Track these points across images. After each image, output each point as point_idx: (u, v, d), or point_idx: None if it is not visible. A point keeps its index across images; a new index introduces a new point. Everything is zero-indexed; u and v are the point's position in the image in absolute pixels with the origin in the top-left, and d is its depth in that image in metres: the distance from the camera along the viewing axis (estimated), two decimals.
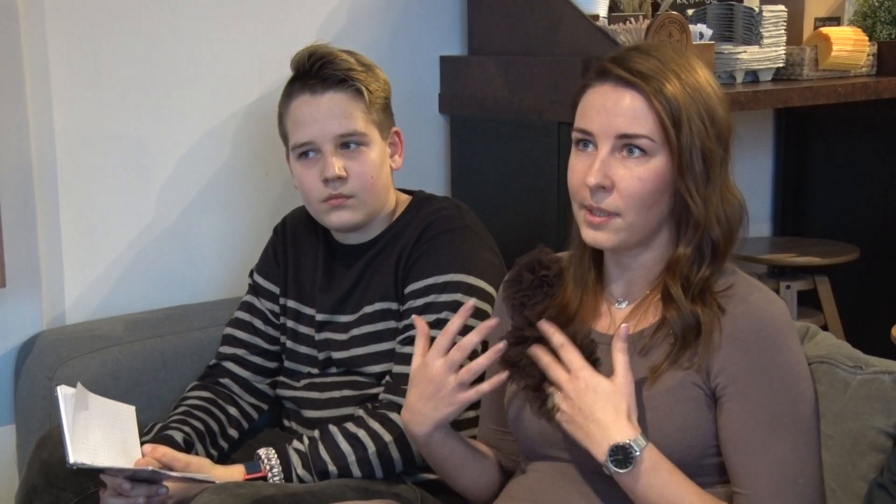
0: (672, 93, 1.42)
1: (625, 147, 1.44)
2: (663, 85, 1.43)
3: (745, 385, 1.42)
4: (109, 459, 1.69)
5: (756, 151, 3.42)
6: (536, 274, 1.60)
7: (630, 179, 1.43)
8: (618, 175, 1.44)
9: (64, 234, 2.21)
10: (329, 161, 1.91)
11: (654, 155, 1.43)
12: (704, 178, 1.44)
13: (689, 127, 1.42)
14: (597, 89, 1.47)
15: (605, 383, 1.42)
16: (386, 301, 1.97)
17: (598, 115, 1.45)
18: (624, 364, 1.43)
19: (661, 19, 2.34)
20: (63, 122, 2.18)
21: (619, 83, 1.45)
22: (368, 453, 1.83)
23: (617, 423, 1.40)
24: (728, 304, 1.45)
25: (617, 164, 1.44)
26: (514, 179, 2.48)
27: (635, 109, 1.43)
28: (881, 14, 3.11)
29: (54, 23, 2.14)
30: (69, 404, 1.68)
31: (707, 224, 1.46)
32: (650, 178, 1.43)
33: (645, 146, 1.43)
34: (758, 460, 1.42)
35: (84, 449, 1.66)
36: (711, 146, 1.44)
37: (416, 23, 2.59)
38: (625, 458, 1.39)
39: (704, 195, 1.45)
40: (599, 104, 1.46)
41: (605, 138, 1.45)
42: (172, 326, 2.21)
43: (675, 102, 1.42)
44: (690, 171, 1.43)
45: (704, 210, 1.45)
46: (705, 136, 1.44)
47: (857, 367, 1.56)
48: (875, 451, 1.50)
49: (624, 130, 1.43)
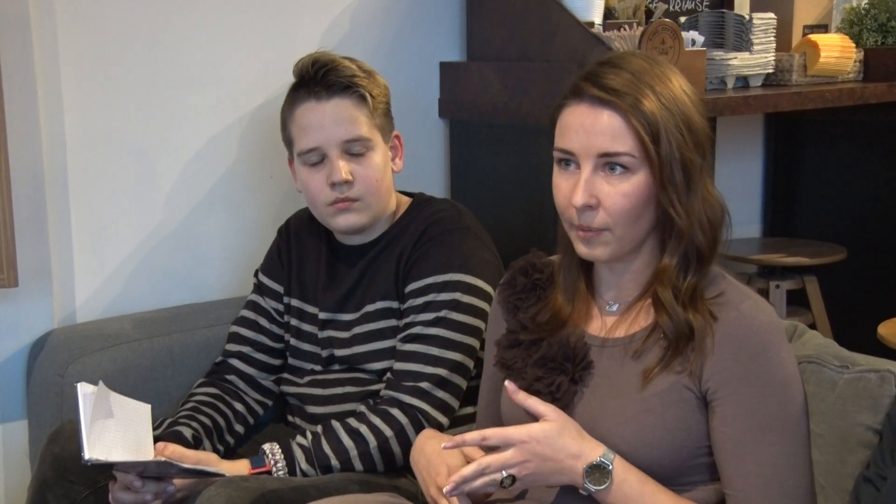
0: (649, 108, 1.40)
1: (607, 165, 1.42)
2: (639, 101, 1.40)
3: (737, 389, 1.42)
4: (123, 456, 1.68)
5: (746, 155, 3.43)
6: (529, 277, 1.60)
7: (615, 196, 1.42)
8: (602, 193, 1.42)
9: (74, 236, 2.22)
10: (336, 165, 1.91)
11: (636, 170, 1.42)
12: (685, 187, 1.43)
13: (667, 140, 1.40)
14: (573, 109, 1.45)
15: (546, 426, 1.41)
16: (387, 300, 1.97)
17: (578, 134, 1.43)
18: (539, 403, 1.44)
19: (654, 26, 2.34)
20: (73, 128, 2.18)
21: (595, 102, 1.42)
22: (370, 448, 1.83)
23: (582, 447, 1.41)
24: (720, 312, 1.44)
25: (601, 182, 1.43)
26: (511, 182, 2.48)
27: (614, 128, 1.41)
28: (867, 22, 3.11)
29: (65, 33, 2.14)
30: (88, 402, 1.68)
31: (690, 232, 1.44)
32: (634, 192, 1.42)
33: (626, 163, 1.41)
34: (749, 462, 1.42)
35: (99, 446, 1.65)
36: (690, 155, 1.42)
37: (416, 30, 2.59)
38: (600, 474, 1.40)
39: (686, 204, 1.43)
40: (578, 124, 1.43)
41: (587, 158, 1.43)
42: (180, 325, 2.21)
43: (652, 117, 1.40)
44: (672, 182, 1.42)
45: (687, 219, 1.43)
46: (684, 146, 1.42)
47: (844, 367, 1.56)
48: (863, 448, 1.50)
49: (605, 149, 1.41)
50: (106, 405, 1.71)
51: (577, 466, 1.40)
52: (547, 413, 1.43)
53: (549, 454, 1.40)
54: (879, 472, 1.41)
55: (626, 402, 1.46)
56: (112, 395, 1.74)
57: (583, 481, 1.41)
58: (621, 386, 1.47)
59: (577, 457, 1.40)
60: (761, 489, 1.42)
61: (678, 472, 1.45)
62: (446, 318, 1.89)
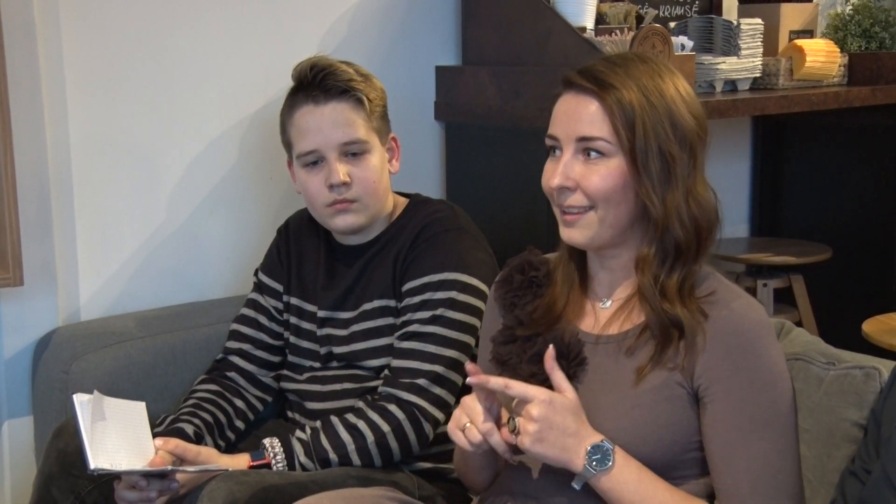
0: (628, 98, 1.43)
1: (585, 150, 1.45)
2: (620, 92, 1.43)
3: (727, 386, 1.42)
4: (127, 460, 1.67)
5: (734, 156, 3.43)
6: (526, 275, 1.60)
7: (590, 177, 1.44)
8: (578, 174, 1.45)
9: (79, 236, 2.21)
10: (334, 168, 1.91)
11: (612, 156, 1.44)
12: (664, 179, 1.44)
13: (643, 131, 1.42)
14: (563, 98, 1.49)
15: (566, 399, 1.42)
16: (385, 298, 1.97)
17: (562, 121, 1.48)
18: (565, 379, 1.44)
19: (644, 31, 2.34)
20: (78, 131, 2.18)
21: (580, 91, 1.46)
22: (368, 443, 1.83)
23: (586, 428, 1.41)
24: (711, 310, 1.44)
25: (579, 165, 1.45)
26: (505, 183, 2.48)
27: (592, 114, 1.44)
28: (852, 27, 3.11)
29: (70, 38, 2.14)
30: (86, 411, 1.66)
31: (667, 223, 1.45)
32: (610, 175, 1.44)
33: (602, 148, 1.44)
34: (739, 457, 1.42)
35: (102, 453, 1.64)
36: (672, 150, 1.43)
37: (412, 35, 2.59)
38: (602, 456, 1.40)
39: (663, 196, 1.44)
40: (563, 111, 1.48)
41: (568, 142, 1.46)
42: (182, 323, 2.21)
43: (629, 108, 1.42)
44: (646, 172, 1.43)
45: (663, 210, 1.44)
46: (665, 139, 1.43)
47: (830, 363, 1.56)
48: (849, 443, 1.50)
49: (582, 133, 1.45)
50: (103, 412, 1.70)
51: (580, 448, 1.40)
52: (564, 388, 1.43)
53: (559, 424, 1.39)
54: (864, 467, 1.41)
55: (619, 398, 1.45)
56: (106, 400, 1.73)
57: (584, 461, 1.40)
58: (615, 382, 1.47)
59: (582, 438, 1.40)
60: (751, 484, 1.42)
61: (670, 466, 1.45)
62: (443, 316, 1.89)
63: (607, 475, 1.40)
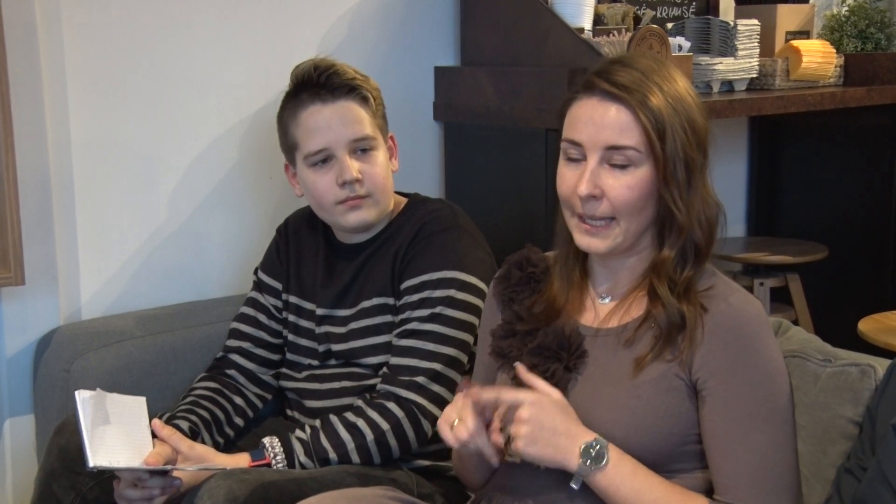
0: (656, 105, 1.41)
1: (612, 158, 1.43)
2: (647, 97, 1.41)
3: (726, 379, 1.42)
4: (126, 457, 1.66)
5: (731, 157, 3.43)
6: (525, 271, 1.60)
7: (619, 188, 1.42)
8: (607, 184, 1.43)
9: (80, 236, 2.21)
10: (346, 165, 1.91)
11: (640, 165, 1.42)
12: (686, 185, 1.43)
13: (672, 137, 1.41)
14: (584, 102, 1.46)
15: (555, 397, 1.42)
16: (383, 296, 1.96)
17: (587, 126, 1.44)
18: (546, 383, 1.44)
19: (642, 32, 2.34)
20: (79, 132, 2.18)
21: (605, 96, 1.43)
22: (367, 441, 1.82)
23: (578, 429, 1.41)
24: (710, 304, 1.44)
25: (605, 174, 1.43)
26: (504, 183, 2.48)
27: (622, 122, 1.42)
28: (848, 28, 3.12)
29: (71, 40, 2.14)
30: (87, 407, 1.66)
31: (690, 228, 1.45)
32: (637, 185, 1.42)
33: (631, 157, 1.42)
34: (737, 450, 1.42)
35: (102, 450, 1.63)
36: (693, 154, 1.43)
37: (412, 35, 2.59)
38: (597, 454, 1.39)
39: (687, 201, 1.44)
40: (587, 116, 1.44)
41: (594, 149, 1.43)
42: (182, 322, 2.21)
43: (659, 114, 1.41)
44: (674, 179, 1.42)
45: (688, 215, 1.44)
46: (687, 144, 1.42)
47: (827, 361, 1.56)
48: (844, 439, 1.50)
49: (612, 142, 1.42)
50: (104, 408, 1.69)
51: (573, 446, 1.39)
52: (553, 392, 1.43)
53: (549, 423, 1.39)
54: (860, 463, 1.41)
55: (618, 390, 1.45)
56: (108, 396, 1.72)
57: (578, 460, 1.39)
58: (614, 374, 1.47)
59: (574, 437, 1.40)
60: (749, 477, 1.41)
61: (668, 458, 1.44)
62: (441, 314, 1.88)
63: (603, 472, 1.39)
